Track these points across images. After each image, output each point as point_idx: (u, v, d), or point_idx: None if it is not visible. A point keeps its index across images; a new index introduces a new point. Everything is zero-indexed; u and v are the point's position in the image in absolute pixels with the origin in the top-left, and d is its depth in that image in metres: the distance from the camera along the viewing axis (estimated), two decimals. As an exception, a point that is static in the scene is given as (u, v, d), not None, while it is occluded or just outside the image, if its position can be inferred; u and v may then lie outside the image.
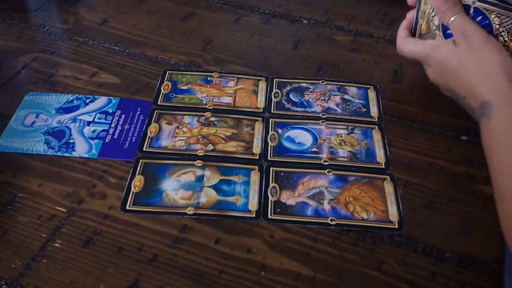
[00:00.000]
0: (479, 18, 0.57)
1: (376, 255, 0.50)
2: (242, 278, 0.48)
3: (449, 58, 0.56)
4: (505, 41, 0.57)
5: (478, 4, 0.57)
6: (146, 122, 0.61)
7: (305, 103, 0.64)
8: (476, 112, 0.52)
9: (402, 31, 0.64)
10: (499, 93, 0.51)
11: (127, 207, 0.53)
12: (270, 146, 0.59)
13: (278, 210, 0.53)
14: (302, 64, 0.70)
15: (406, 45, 0.62)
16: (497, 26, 0.57)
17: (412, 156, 0.59)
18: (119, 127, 0.60)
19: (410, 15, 0.63)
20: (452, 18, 0.57)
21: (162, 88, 0.66)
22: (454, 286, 0.48)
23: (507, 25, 0.56)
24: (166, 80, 0.67)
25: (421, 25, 0.61)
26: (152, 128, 0.60)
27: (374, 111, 0.63)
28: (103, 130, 0.60)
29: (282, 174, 0.56)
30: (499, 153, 0.49)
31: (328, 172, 0.56)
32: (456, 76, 0.55)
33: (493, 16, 0.56)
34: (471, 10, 0.58)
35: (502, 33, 0.57)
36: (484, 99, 0.51)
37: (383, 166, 0.57)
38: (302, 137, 0.60)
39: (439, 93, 0.58)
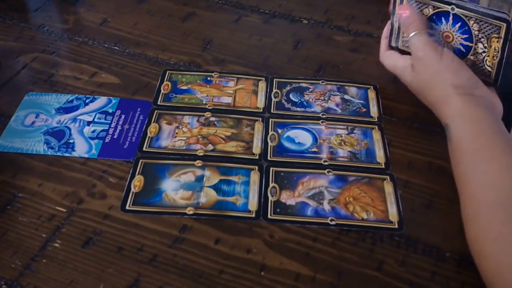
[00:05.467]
0: (458, 24, 0.58)
1: (376, 255, 0.50)
2: (242, 278, 0.47)
3: (411, 84, 0.60)
4: (485, 47, 0.57)
5: (456, 10, 0.57)
6: (146, 122, 0.61)
7: (305, 103, 0.64)
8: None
9: (383, 41, 0.66)
10: (458, 115, 0.53)
11: (127, 207, 0.53)
12: (270, 146, 0.59)
13: (278, 210, 0.53)
14: (302, 64, 0.70)
15: (385, 58, 0.64)
16: (476, 33, 0.57)
17: (412, 156, 0.59)
18: (119, 127, 0.60)
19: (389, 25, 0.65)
20: (411, 34, 0.58)
21: (162, 88, 0.66)
22: (454, 286, 0.48)
23: (486, 31, 0.56)
24: (166, 80, 0.67)
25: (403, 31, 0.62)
26: (152, 128, 0.60)
27: (374, 111, 0.63)
28: (103, 130, 0.60)
29: (282, 174, 0.56)
30: (459, 173, 0.51)
31: (328, 172, 0.56)
32: (422, 99, 0.59)
33: (471, 22, 0.57)
34: (450, 17, 0.58)
35: (482, 39, 0.57)
36: (444, 122, 0.54)
37: (383, 166, 0.57)
38: (302, 137, 0.60)
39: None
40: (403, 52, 0.63)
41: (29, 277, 0.47)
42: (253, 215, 0.52)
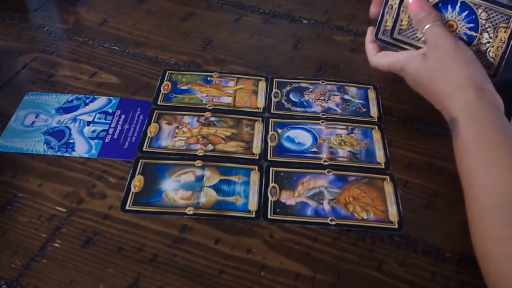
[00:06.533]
0: (465, 13, 0.57)
1: (376, 255, 0.50)
2: (242, 278, 0.47)
3: (420, 74, 0.57)
4: (491, 37, 0.57)
5: None
6: (146, 122, 0.61)
7: (305, 103, 0.64)
8: (449, 125, 0.53)
9: (369, 45, 0.63)
10: (467, 110, 0.52)
11: (127, 207, 0.53)
12: (270, 146, 0.59)
13: (278, 210, 0.53)
14: (302, 64, 0.70)
15: (378, 59, 0.62)
16: (483, 22, 0.57)
17: (412, 156, 0.59)
18: (119, 127, 0.60)
19: (371, 30, 0.64)
20: (427, 26, 0.57)
21: (162, 88, 0.66)
22: (454, 286, 0.48)
23: (494, 20, 0.56)
24: (166, 80, 0.67)
25: (402, 19, 0.61)
26: (152, 128, 0.60)
27: (374, 111, 0.63)
28: (103, 130, 0.60)
29: (282, 174, 0.56)
30: (465, 172, 0.50)
31: (328, 172, 0.56)
32: (429, 90, 0.57)
33: (480, 10, 0.56)
34: (458, 5, 0.57)
35: (488, 29, 0.57)
36: (453, 116, 0.53)
37: (383, 166, 0.57)
38: (302, 137, 0.60)
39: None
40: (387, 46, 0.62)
41: (29, 277, 0.47)
42: (253, 215, 0.52)
